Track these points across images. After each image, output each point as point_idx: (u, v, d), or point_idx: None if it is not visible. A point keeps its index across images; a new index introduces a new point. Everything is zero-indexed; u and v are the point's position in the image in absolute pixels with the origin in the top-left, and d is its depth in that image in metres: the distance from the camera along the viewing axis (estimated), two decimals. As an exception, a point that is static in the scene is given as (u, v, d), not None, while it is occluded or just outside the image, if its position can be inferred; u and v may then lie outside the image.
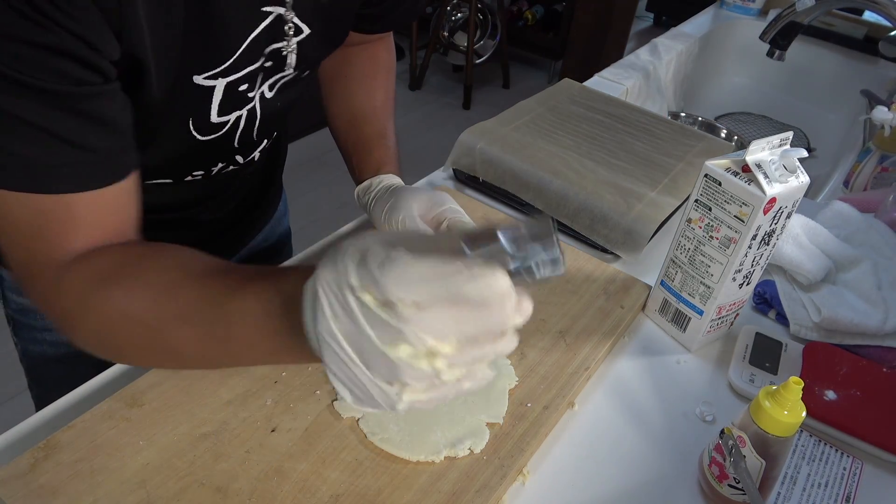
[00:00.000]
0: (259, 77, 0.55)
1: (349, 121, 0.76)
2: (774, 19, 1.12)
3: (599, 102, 1.02)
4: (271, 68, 0.56)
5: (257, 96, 0.57)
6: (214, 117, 0.54)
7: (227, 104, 0.54)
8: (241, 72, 0.52)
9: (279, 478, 0.48)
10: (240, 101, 0.55)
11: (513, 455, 0.52)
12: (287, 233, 0.93)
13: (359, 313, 0.31)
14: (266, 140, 0.67)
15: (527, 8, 3.54)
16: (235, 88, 0.53)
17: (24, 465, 0.47)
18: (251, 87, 0.55)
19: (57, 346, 0.72)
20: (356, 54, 0.77)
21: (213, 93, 0.52)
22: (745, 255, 0.60)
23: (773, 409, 0.47)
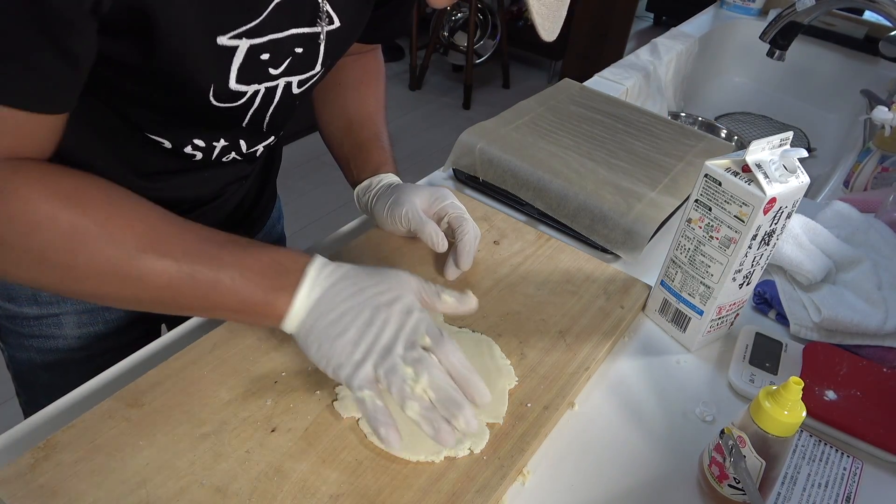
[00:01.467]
0: (286, 59, 0.55)
1: (344, 126, 0.77)
2: (774, 19, 1.12)
3: (599, 102, 1.02)
4: (300, 60, 0.56)
5: (281, 83, 0.57)
6: (233, 83, 0.53)
7: (247, 71, 0.53)
8: (264, 37, 0.51)
9: (279, 478, 0.48)
10: (260, 73, 0.54)
11: (513, 455, 0.52)
12: (281, 239, 0.93)
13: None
14: (273, 136, 0.67)
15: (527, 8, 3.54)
16: (257, 56, 0.52)
17: (24, 465, 0.47)
18: (274, 62, 0.54)
19: (44, 352, 0.71)
20: (348, 64, 0.77)
21: (235, 54, 0.51)
22: (745, 255, 0.60)
23: (773, 409, 0.47)
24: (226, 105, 0.55)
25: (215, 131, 0.60)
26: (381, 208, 0.69)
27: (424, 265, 0.71)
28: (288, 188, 2.43)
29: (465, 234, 0.67)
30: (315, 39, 0.56)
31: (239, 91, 0.54)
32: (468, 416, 0.46)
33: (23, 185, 0.44)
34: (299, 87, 0.60)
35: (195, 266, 0.47)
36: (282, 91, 0.58)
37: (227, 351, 0.57)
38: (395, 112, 3.17)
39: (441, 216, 0.68)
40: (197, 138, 0.59)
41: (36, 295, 0.67)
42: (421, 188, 0.69)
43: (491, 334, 0.63)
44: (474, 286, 0.68)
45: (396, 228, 0.69)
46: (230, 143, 0.62)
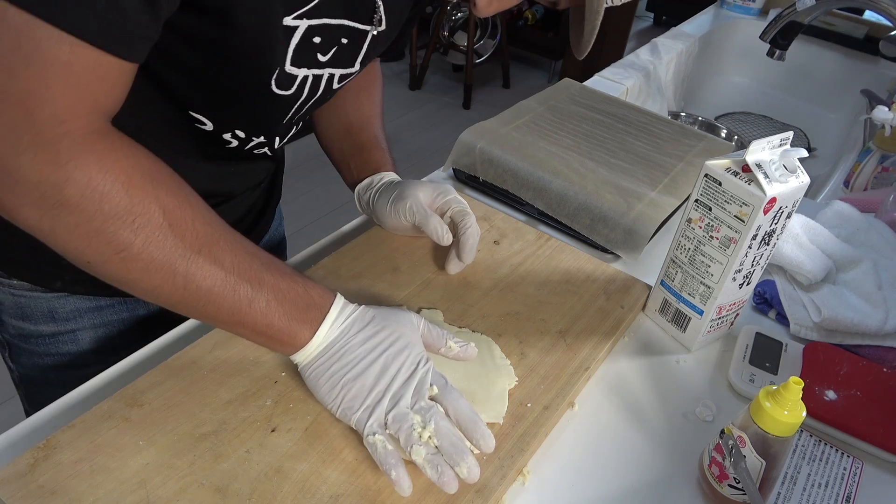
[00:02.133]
0: (333, 47, 0.55)
1: (343, 130, 0.77)
2: (775, 19, 1.12)
3: (599, 102, 1.02)
4: (344, 52, 0.56)
5: (326, 75, 0.57)
6: (288, 66, 0.53)
7: (300, 55, 0.52)
8: (321, 18, 0.51)
9: (279, 478, 0.48)
10: (311, 57, 0.54)
11: (513, 455, 0.52)
12: (282, 241, 0.93)
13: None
14: (294, 129, 0.67)
15: (527, 8, 3.54)
16: (311, 38, 0.52)
17: (24, 465, 0.47)
18: (323, 48, 0.54)
19: (60, 370, 0.70)
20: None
21: (294, 34, 0.51)
22: (745, 255, 0.60)
23: (773, 409, 0.47)
24: (282, 92, 0.54)
25: (259, 125, 0.60)
26: (384, 204, 0.69)
27: (423, 265, 0.71)
28: (288, 188, 2.42)
29: (468, 227, 0.67)
30: (363, 37, 0.57)
31: (292, 74, 0.54)
32: (471, 465, 0.47)
33: (107, 151, 0.42)
34: (339, 83, 0.60)
35: (239, 280, 0.47)
36: (325, 83, 0.58)
37: (227, 351, 0.57)
38: (395, 112, 3.17)
39: (444, 211, 0.69)
40: (239, 129, 0.59)
41: (52, 311, 0.67)
42: (424, 183, 0.70)
43: (491, 334, 0.63)
44: (474, 286, 0.68)
45: (399, 223, 0.69)
46: (268, 139, 0.63)
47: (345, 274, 0.68)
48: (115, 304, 0.70)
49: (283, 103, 0.57)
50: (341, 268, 0.69)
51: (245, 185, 0.71)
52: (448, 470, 0.47)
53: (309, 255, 0.75)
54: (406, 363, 0.51)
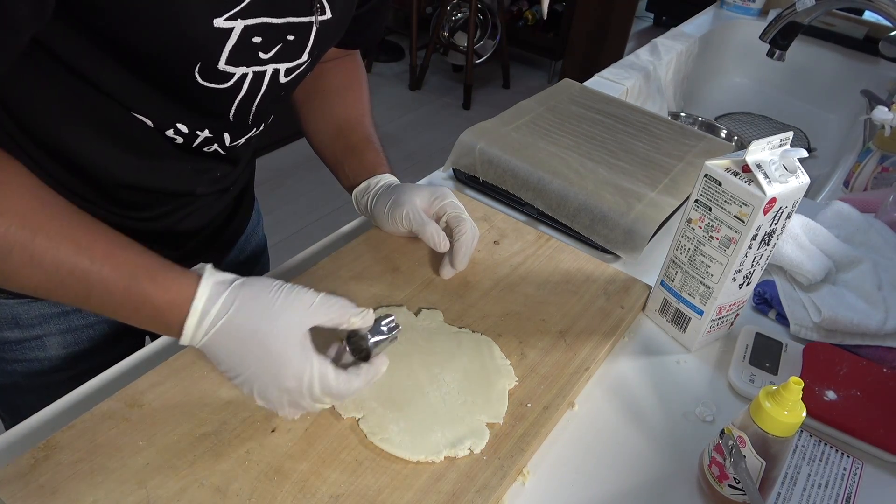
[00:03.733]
0: (277, 45, 0.54)
1: (334, 132, 0.76)
2: (774, 19, 1.12)
3: (599, 102, 1.02)
4: (291, 47, 0.56)
5: (269, 70, 0.57)
6: (222, 65, 0.52)
7: (237, 54, 0.52)
8: (257, 18, 0.51)
9: (279, 478, 0.48)
10: (251, 56, 0.54)
11: (513, 455, 0.52)
12: (262, 243, 0.91)
13: None
14: (255, 129, 0.66)
15: (527, 8, 3.54)
16: (250, 38, 0.52)
17: (24, 465, 0.47)
18: (265, 47, 0.54)
19: (30, 376, 0.69)
20: (329, 70, 0.77)
21: (230, 36, 0.50)
22: (745, 255, 0.60)
23: (773, 410, 0.47)
24: (212, 85, 0.54)
25: (200, 118, 0.59)
26: (382, 209, 0.70)
27: (423, 266, 0.71)
28: (287, 188, 2.43)
29: (463, 234, 0.66)
30: (308, 28, 0.56)
31: (227, 72, 0.53)
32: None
33: None
34: (286, 76, 0.59)
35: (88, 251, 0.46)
36: (269, 79, 0.58)
37: (227, 351, 0.57)
38: (395, 112, 3.17)
39: (440, 215, 0.69)
40: (180, 122, 0.58)
41: (16, 318, 0.65)
42: (420, 188, 0.69)
43: (491, 334, 0.63)
44: (474, 286, 0.68)
45: (397, 229, 0.69)
46: (214, 134, 0.61)
47: (344, 275, 0.68)
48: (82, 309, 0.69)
49: (220, 97, 0.56)
50: (341, 268, 0.69)
51: (207, 186, 0.68)
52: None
53: (308, 256, 0.75)
54: (283, 399, 0.49)
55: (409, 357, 0.59)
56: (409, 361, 0.58)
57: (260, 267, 0.89)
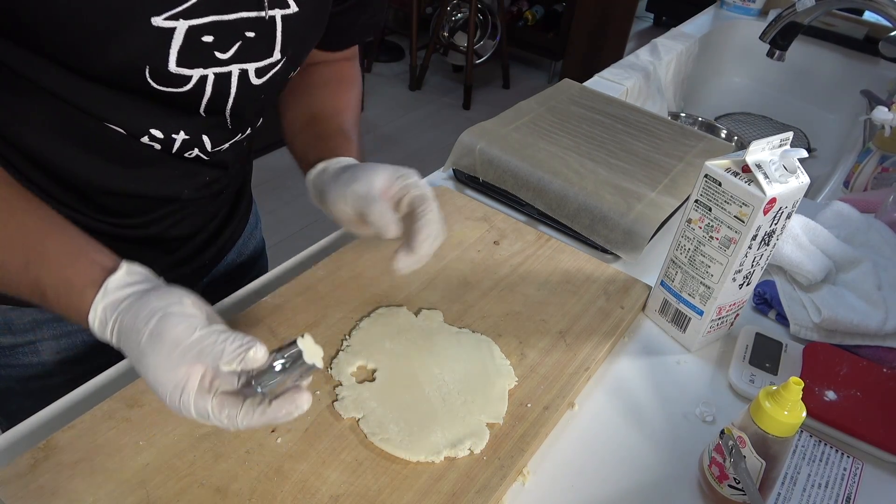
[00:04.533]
0: (236, 43, 0.52)
1: (305, 121, 0.69)
2: (774, 19, 1.12)
3: (599, 103, 1.02)
4: (254, 45, 0.53)
5: (235, 71, 0.54)
6: (173, 66, 0.50)
7: (188, 55, 0.50)
8: (204, 17, 0.49)
9: (279, 478, 0.48)
10: (205, 56, 0.51)
11: (513, 455, 0.52)
12: (260, 246, 0.89)
13: None
14: (240, 134, 0.63)
15: (527, 8, 3.54)
16: (199, 38, 0.49)
17: (24, 466, 0.47)
18: (221, 46, 0.51)
19: (24, 381, 0.68)
20: (319, 69, 0.73)
21: (173, 36, 0.48)
22: (745, 255, 0.60)
23: (773, 410, 0.47)
24: (169, 89, 0.52)
25: (173, 123, 0.56)
26: (336, 191, 0.58)
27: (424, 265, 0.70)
28: (287, 189, 2.43)
29: (425, 213, 0.54)
30: (270, 24, 0.53)
31: (181, 74, 0.51)
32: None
33: None
34: (259, 77, 0.56)
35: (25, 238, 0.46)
36: (238, 80, 0.55)
37: (227, 351, 0.57)
38: (395, 112, 3.17)
39: (400, 197, 0.56)
40: (154, 129, 0.56)
41: (8, 323, 0.64)
42: (382, 166, 0.57)
43: (491, 334, 0.63)
44: (474, 286, 0.68)
45: (346, 212, 0.57)
46: (191, 137, 0.58)
47: (344, 274, 0.68)
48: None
49: (184, 101, 0.54)
50: (341, 268, 0.69)
51: (194, 191, 0.65)
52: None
53: (308, 256, 0.75)
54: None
55: (409, 357, 0.59)
56: (409, 361, 0.58)
57: (258, 269, 0.89)
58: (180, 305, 0.43)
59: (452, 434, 0.53)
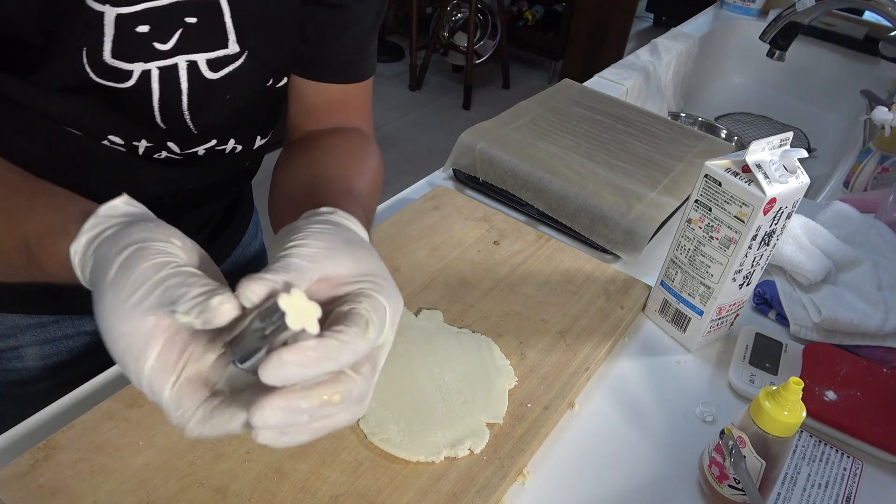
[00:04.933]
0: (176, 31, 0.48)
1: (302, 183, 0.54)
2: (774, 19, 1.12)
3: (599, 103, 1.02)
4: (199, 31, 0.49)
5: (182, 64, 0.50)
6: (109, 57, 0.47)
7: (124, 47, 0.47)
8: (134, 5, 0.45)
9: (279, 478, 0.48)
10: (143, 50, 0.48)
11: (513, 455, 0.52)
12: (260, 254, 0.85)
13: None
14: (214, 140, 0.58)
15: (527, 8, 3.54)
16: (132, 28, 0.46)
17: (24, 466, 0.47)
18: (159, 36, 0.48)
19: (8, 385, 0.66)
20: (325, 135, 0.61)
21: (104, 23, 0.45)
22: (745, 255, 0.60)
23: (773, 410, 0.47)
24: (111, 83, 0.48)
25: (131, 127, 0.53)
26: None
27: (424, 265, 0.71)
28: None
29: (354, 319, 0.34)
30: (214, 8, 0.49)
31: (120, 69, 0.48)
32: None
33: None
34: (214, 71, 0.51)
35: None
36: (188, 74, 0.51)
37: (227, 351, 0.57)
38: (395, 112, 3.17)
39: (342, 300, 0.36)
40: (112, 134, 0.53)
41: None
42: (371, 257, 0.38)
43: (491, 334, 0.63)
44: (474, 286, 0.68)
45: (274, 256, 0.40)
46: (155, 144, 0.55)
47: (345, 274, 0.68)
48: (59, 319, 0.66)
49: (133, 99, 0.50)
50: (341, 268, 0.69)
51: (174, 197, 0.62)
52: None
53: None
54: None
55: (409, 357, 0.59)
56: (409, 361, 0.58)
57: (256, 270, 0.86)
58: (165, 243, 0.34)
59: (452, 434, 0.53)
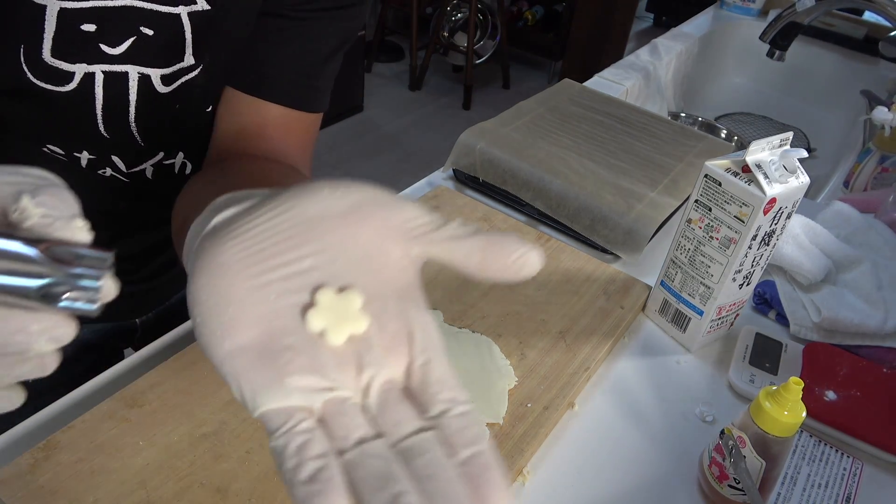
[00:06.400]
0: (127, 39, 0.46)
1: (214, 161, 0.53)
2: (774, 20, 1.12)
3: (599, 103, 1.02)
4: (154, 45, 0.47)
5: (132, 72, 0.47)
6: (48, 56, 0.44)
7: (65, 45, 0.44)
8: (81, 1, 0.43)
9: (279, 478, 0.48)
10: (87, 48, 0.45)
11: (513, 455, 0.52)
12: None
13: None
14: (161, 153, 0.55)
15: (527, 8, 3.54)
16: (76, 25, 0.44)
17: (24, 465, 0.47)
18: (108, 39, 0.45)
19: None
20: (259, 160, 0.52)
21: (45, 17, 0.42)
22: (745, 255, 0.60)
23: (773, 410, 0.47)
24: (50, 87, 0.46)
25: (70, 137, 0.51)
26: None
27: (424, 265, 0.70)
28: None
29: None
30: (174, 22, 0.46)
31: (60, 69, 0.45)
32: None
33: None
34: (167, 84, 0.49)
35: None
36: (139, 84, 0.48)
37: (227, 351, 0.57)
38: (395, 112, 3.17)
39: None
40: (51, 143, 0.50)
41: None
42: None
43: (491, 334, 0.63)
44: (474, 286, 0.68)
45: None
46: (98, 156, 0.52)
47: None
48: None
49: (75, 105, 0.47)
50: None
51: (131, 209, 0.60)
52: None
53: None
54: None
55: (409, 357, 0.59)
56: (409, 361, 0.58)
57: None
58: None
59: (452, 434, 0.52)
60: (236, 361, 0.27)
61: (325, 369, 0.27)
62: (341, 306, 0.28)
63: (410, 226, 0.30)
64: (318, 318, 0.27)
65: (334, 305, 0.28)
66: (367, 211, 0.29)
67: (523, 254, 0.30)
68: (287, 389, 0.26)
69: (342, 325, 0.27)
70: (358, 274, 0.28)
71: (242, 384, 0.27)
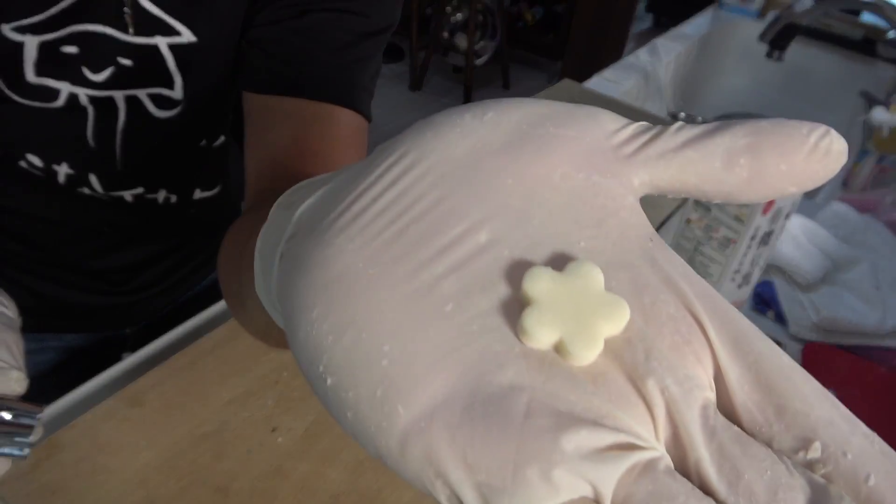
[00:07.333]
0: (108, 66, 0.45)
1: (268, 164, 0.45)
2: (773, 20, 1.12)
3: (599, 103, 1.03)
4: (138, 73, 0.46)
5: (118, 96, 0.46)
6: (31, 76, 0.43)
7: (49, 66, 0.43)
8: (61, 30, 0.42)
9: (280, 477, 0.49)
10: (70, 70, 0.44)
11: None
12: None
13: None
14: (142, 187, 0.54)
15: (527, 9, 3.55)
16: (57, 48, 0.43)
17: (26, 465, 0.47)
18: (90, 63, 0.44)
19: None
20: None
21: (24, 51, 0.42)
22: (743, 255, 0.60)
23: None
24: (37, 103, 0.45)
25: (54, 144, 0.49)
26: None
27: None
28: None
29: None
30: (153, 53, 0.44)
31: (45, 86, 0.44)
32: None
33: None
34: (161, 109, 0.47)
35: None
36: (127, 107, 0.47)
37: (228, 351, 0.57)
38: (395, 112, 3.18)
39: None
40: (31, 152, 0.49)
41: None
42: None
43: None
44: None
45: None
46: (76, 171, 0.50)
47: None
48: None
49: (59, 119, 0.47)
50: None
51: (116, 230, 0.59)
52: None
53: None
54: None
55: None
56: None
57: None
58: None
59: (452, 433, 0.52)
60: (436, 436, 0.16)
61: (595, 413, 0.15)
62: (572, 292, 0.16)
63: (616, 141, 0.20)
64: (543, 322, 0.15)
65: (559, 293, 0.16)
66: (543, 134, 0.19)
67: (824, 133, 0.18)
68: (553, 478, 0.14)
69: (586, 324, 0.16)
70: (568, 233, 0.17)
71: (464, 482, 0.15)
